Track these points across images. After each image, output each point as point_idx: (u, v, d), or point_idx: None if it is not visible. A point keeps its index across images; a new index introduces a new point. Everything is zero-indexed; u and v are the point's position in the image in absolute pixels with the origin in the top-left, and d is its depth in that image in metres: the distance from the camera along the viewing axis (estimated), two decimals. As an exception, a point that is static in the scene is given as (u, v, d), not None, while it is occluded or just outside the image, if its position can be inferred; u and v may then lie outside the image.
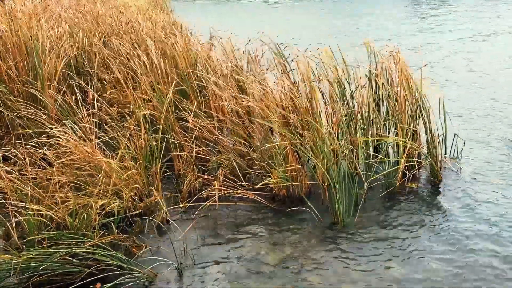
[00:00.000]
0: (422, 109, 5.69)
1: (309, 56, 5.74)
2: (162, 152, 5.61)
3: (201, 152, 5.63)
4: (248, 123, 5.58)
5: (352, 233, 4.86)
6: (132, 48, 6.32)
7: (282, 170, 5.37)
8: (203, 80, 5.83)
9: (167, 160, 5.84)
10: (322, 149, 5.16)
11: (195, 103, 5.65)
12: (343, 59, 5.74)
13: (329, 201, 5.12)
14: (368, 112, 5.68)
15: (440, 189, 5.48)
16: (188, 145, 5.62)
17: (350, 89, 5.75)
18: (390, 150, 5.77)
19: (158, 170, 5.46)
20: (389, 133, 5.79)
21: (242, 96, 5.54)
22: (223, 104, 5.60)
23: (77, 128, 5.30)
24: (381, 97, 5.76)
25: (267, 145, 5.44)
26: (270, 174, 5.40)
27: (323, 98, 5.69)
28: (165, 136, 5.70)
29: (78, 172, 5.10)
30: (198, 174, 5.50)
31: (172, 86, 5.47)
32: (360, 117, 5.67)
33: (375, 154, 5.63)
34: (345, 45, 6.00)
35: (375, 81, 5.75)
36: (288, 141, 5.30)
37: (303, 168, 5.46)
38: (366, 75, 5.79)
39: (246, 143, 5.69)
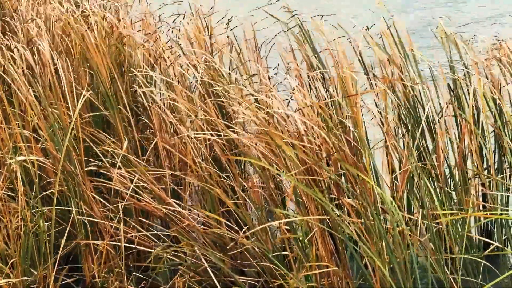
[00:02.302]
0: None
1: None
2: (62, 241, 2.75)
3: (135, 240, 2.77)
4: (236, 178, 2.78)
5: None
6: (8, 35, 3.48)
7: (303, 275, 2.59)
8: (143, 97, 2.99)
9: (68, 255, 2.97)
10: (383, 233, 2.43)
11: (125, 141, 2.78)
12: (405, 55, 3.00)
13: None
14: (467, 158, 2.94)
15: None
16: (111, 225, 2.78)
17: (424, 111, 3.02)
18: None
19: (52, 278, 2.64)
20: (508, 198, 3.02)
21: (220, 121, 2.74)
22: (179, 137, 2.79)
23: None
24: (484, 124, 3.02)
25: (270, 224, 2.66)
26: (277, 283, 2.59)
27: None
28: (68, 207, 2.88)
29: None
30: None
31: (79, 104, 2.62)
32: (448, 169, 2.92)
33: (485, 239, 2.85)
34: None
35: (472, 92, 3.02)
36: (316, 214, 2.56)
37: (345, 270, 2.68)
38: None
39: (230, 220, 2.85)
